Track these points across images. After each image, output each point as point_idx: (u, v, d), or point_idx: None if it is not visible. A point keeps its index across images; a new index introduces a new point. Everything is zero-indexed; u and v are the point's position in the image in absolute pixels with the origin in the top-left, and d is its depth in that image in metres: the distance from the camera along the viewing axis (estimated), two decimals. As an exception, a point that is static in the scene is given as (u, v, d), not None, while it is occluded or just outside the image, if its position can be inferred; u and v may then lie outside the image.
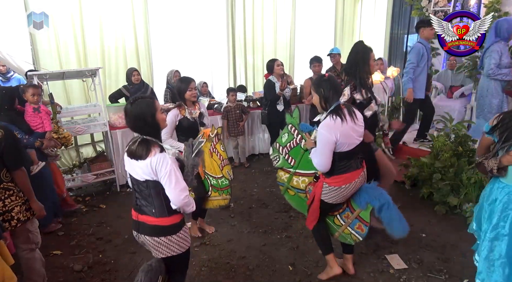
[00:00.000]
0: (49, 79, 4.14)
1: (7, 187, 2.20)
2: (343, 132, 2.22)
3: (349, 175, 2.34)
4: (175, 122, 2.99)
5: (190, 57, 5.97)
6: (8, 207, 2.18)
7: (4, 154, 2.14)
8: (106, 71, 5.24)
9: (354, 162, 2.36)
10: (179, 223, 1.93)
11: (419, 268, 2.79)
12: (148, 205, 1.87)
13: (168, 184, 1.79)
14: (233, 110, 5.07)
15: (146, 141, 1.81)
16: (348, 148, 2.29)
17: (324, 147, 2.26)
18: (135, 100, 1.84)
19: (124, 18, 5.20)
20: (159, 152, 1.78)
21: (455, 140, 3.93)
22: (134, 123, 1.83)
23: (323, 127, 2.25)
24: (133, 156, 1.81)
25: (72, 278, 2.82)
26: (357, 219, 2.53)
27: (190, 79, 3.01)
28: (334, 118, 2.23)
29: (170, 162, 1.78)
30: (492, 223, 2.02)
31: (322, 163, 2.29)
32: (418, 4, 6.05)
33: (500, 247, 1.98)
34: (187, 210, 1.89)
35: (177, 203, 1.81)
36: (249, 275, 2.78)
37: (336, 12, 7.43)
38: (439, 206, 3.66)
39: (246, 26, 6.36)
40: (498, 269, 1.98)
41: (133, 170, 1.85)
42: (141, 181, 1.84)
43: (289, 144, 2.84)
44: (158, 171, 1.78)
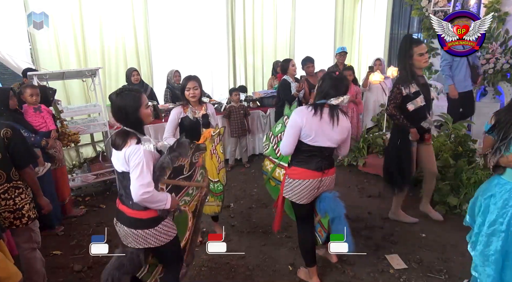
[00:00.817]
0: (49, 79, 4.13)
1: (17, 185, 2.23)
2: (310, 122, 2.22)
3: (305, 170, 2.32)
4: (177, 120, 3.00)
5: (190, 57, 5.97)
6: (19, 205, 2.22)
7: (13, 153, 2.19)
8: (106, 71, 5.24)
9: (317, 162, 2.31)
10: (157, 218, 1.87)
11: (419, 268, 2.78)
12: (126, 196, 1.86)
13: (133, 176, 1.75)
14: (237, 111, 5.06)
15: (125, 131, 1.83)
16: (313, 142, 2.27)
17: (290, 128, 2.29)
18: (122, 91, 1.84)
19: (124, 18, 5.20)
20: (135, 143, 1.78)
21: (455, 140, 3.93)
22: (116, 114, 1.85)
23: (295, 111, 2.32)
24: (113, 146, 1.84)
25: (72, 278, 2.81)
26: (319, 223, 2.54)
27: (190, 77, 2.98)
28: (309, 107, 2.27)
29: (142, 154, 1.75)
30: (491, 218, 2.04)
31: (284, 144, 2.34)
32: (418, 4, 6.07)
33: (496, 243, 2.02)
34: (150, 206, 1.81)
35: (135, 197, 1.74)
36: (249, 275, 2.78)
37: (336, 12, 7.44)
38: (439, 206, 3.66)
39: (246, 26, 6.37)
40: (492, 264, 2.02)
41: (115, 161, 1.87)
42: (119, 172, 1.87)
43: (280, 134, 2.85)
44: (130, 161, 1.77)
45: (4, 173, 2.18)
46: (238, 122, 5.08)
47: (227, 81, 6.40)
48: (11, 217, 2.20)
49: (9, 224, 2.22)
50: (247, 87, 6.36)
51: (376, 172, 4.65)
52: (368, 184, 4.50)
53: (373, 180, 4.59)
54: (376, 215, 3.65)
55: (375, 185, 4.44)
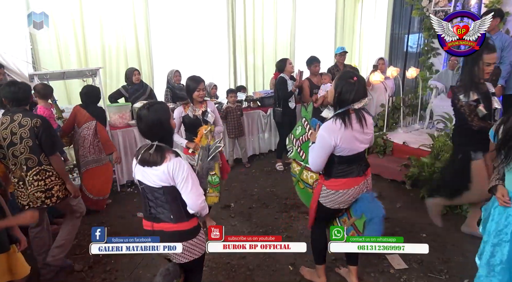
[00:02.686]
0: (49, 79, 4.13)
1: (46, 169, 2.57)
2: (344, 138, 2.15)
3: (348, 180, 2.27)
4: (180, 119, 3.24)
5: (191, 57, 5.97)
6: (49, 186, 2.57)
7: (42, 140, 2.50)
8: (107, 71, 5.24)
9: (356, 168, 2.28)
10: (197, 226, 1.92)
11: (420, 268, 2.78)
12: (165, 212, 1.84)
13: (185, 189, 1.78)
14: (234, 111, 5.06)
15: (159, 147, 1.80)
16: (350, 153, 2.22)
17: (320, 148, 2.21)
18: (152, 105, 1.81)
19: (124, 18, 5.20)
20: (175, 157, 1.78)
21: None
22: (151, 129, 1.80)
23: (324, 129, 2.20)
24: (146, 163, 1.79)
25: (72, 278, 2.82)
26: (352, 226, 2.48)
27: (200, 79, 3.17)
28: (337, 122, 2.16)
29: (186, 167, 1.78)
30: (496, 228, 2.02)
31: (315, 162, 2.27)
32: (418, 4, 6.06)
33: (501, 252, 1.98)
34: (203, 213, 1.88)
35: (195, 207, 1.81)
36: (249, 275, 2.78)
37: (337, 12, 7.43)
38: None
39: (247, 26, 6.36)
40: (498, 274, 1.98)
41: (147, 178, 1.82)
42: (157, 188, 1.81)
43: (301, 137, 2.85)
44: (175, 176, 1.76)
45: (35, 157, 2.52)
46: (235, 123, 5.08)
47: (228, 81, 6.40)
48: (43, 197, 2.55)
49: (41, 203, 2.56)
50: (247, 87, 6.36)
51: (376, 172, 4.64)
52: (368, 184, 4.50)
53: (374, 180, 4.54)
54: (376, 215, 3.65)
55: (375, 185, 4.40)
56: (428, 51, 6.34)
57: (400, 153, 4.61)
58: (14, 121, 2.47)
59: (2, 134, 2.47)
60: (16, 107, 2.54)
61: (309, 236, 2.60)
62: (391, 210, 3.76)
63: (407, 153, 4.51)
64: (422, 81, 6.09)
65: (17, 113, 2.50)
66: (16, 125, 2.47)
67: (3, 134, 2.47)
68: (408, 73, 5.47)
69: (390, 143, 4.78)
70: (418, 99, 6.01)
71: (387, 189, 4.30)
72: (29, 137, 2.47)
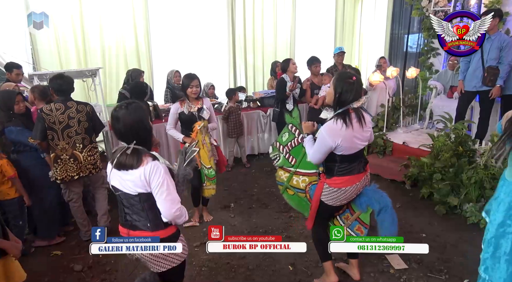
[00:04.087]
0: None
1: (95, 146, 3.18)
2: (344, 138, 2.18)
3: (350, 177, 2.32)
4: (176, 114, 3.35)
5: (191, 57, 5.97)
6: (96, 159, 3.17)
7: (95, 122, 3.15)
8: (107, 71, 5.25)
9: (357, 165, 2.33)
10: (176, 233, 1.82)
11: (419, 268, 2.78)
12: (141, 219, 1.76)
13: (159, 195, 1.67)
14: (235, 111, 5.06)
15: (136, 150, 1.68)
16: (350, 151, 2.26)
17: (320, 147, 2.25)
18: (129, 104, 1.71)
19: (124, 18, 5.20)
20: (152, 160, 1.68)
21: (455, 140, 3.92)
22: (130, 130, 1.68)
23: (325, 128, 2.22)
24: (122, 167, 1.68)
25: (72, 278, 2.82)
26: (357, 220, 2.51)
27: (194, 76, 3.27)
28: (338, 122, 2.18)
29: (163, 172, 1.67)
30: (499, 220, 2.02)
31: (315, 158, 2.31)
32: (418, 4, 6.06)
33: (506, 244, 1.99)
34: (179, 222, 1.77)
35: (168, 216, 1.69)
36: (249, 275, 2.78)
37: (336, 12, 7.43)
38: (439, 206, 3.66)
39: (246, 26, 6.37)
40: (503, 266, 2.00)
41: (122, 184, 1.72)
42: (133, 195, 1.71)
43: (290, 143, 2.83)
44: (151, 181, 1.66)
45: (89, 137, 3.10)
46: (236, 123, 5.08)
47: (228, 81, 6.40)
48: (91, 168, 3.14)
49: (89, 172, 3.13)
50: (247, 87, 6.36)
51: (376, 172, 4.65)
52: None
53: (373, 180, 4.54)
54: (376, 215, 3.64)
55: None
56: (428, 51, 6.35)
57: (400, 153, 4.62)
58: (70, 108, 2.99)
59: (58, 119, 2.94)
60: (63, 97, 3.00)
61: (309, 236, 2.60)
62: (391, 210, 3.77)
63: (406, 153, 4.52)
64: (421, 81, 6.10)
65: (69, 101, 3.01)
66: (74, 111, 3.00)
67: (60, 118, 2.95)
68: (408, 73, 5.53)
69: (390, 143, 4.79)
70: (418, 99, 6.02)
71: (387, 189, 4.24)
72: (86, 121, 3.05)
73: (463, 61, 4.46)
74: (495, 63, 4.17)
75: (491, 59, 4.17)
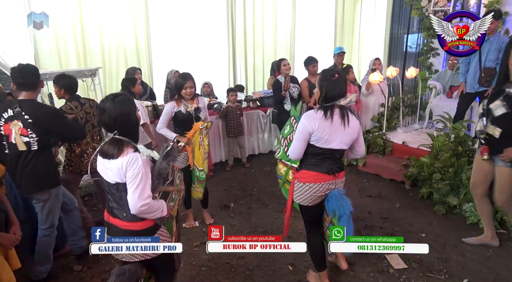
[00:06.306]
0: (49, 79, 4.12)
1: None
2: (321, 126, 2.18)
3: (316, 174, 2.29)
4: (171, 113, 3.23)
5: (190, 57, 5.97)
6: None
7: None
8: (107, 71, 5.24)
9: (328, 165, 2.29)
10: (154, 226, 1.83)
11: (419, 268, 2.79)
12: (119, 208, 1.79)
13: (130, 186, 1.69)
14: (234, 111, 5.06)
15: (118, 140, 1.73)
16: (325, 145, 2.23)
17: (299, 133, 2.26)
18: (116, 96, 1.74)
19: (124, 18, 5.19)
20: (133, 152, 1.71)
21: (455, 140, 3.93)
22: (115, 122, 1.72)
23: (305, 115, 2.26)
24: (105, 155, 1.73)
25: (72, 278, 2.82)
26: (331, 223, 2.50)
27: (188, 77, 3.17)
28: (318, 112, 2.21)
29: (141, 164, 1.69)
30: None
31: (293, 150, 2.30)
32: (418, 4, 6.07)
33: None
34: (150, 217, 1.78)
35: (133, 209, 1.70)
36: (249, 275, 2.78)
37: (336, 12, 7.43)
38: (439, 206, 3.66)
39: (246, 26, 6.36)
40: None
41: (104, 171, 1.77)
42: (112, 184, 1.76)
43: (289, 136, 2.83)
44: (127, 171, 1.68)
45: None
46: (235, 123, 5.08)
47: (227, 81, 6.40)
48: None
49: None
50: (247, 87, 6.36)
51: (376, 172, 4.65)
52: (368, 184, 4.51)
53: (373, 180, 4.60)
54: (376, 214, 3.65)
55: (375, 185, 4.45)
56: (428, 51, 6.36)
57: (400, 152, 4.62)
58: (84, 104, 3.14)
59: (79, 115, 3.09)
60: (73, 94, 3.13)
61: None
62: (390, 210, 3.78)
63: (406, 152, 4.52)
64: (421, 81, 6.11)
65: (81, 98, 3.16)
66: (88, 106, 3.15)
67: (80, 114, 3.10)
68: (408, 73, 5.52)
69: (389, 143, 4.79)
70: (418, 99, 6.03)
71: (387, 189, 4.31)
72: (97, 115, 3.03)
73: (463, 62, 4.47)
74: (494, 64, 4.18)
75: (490, 60, 4.19)
